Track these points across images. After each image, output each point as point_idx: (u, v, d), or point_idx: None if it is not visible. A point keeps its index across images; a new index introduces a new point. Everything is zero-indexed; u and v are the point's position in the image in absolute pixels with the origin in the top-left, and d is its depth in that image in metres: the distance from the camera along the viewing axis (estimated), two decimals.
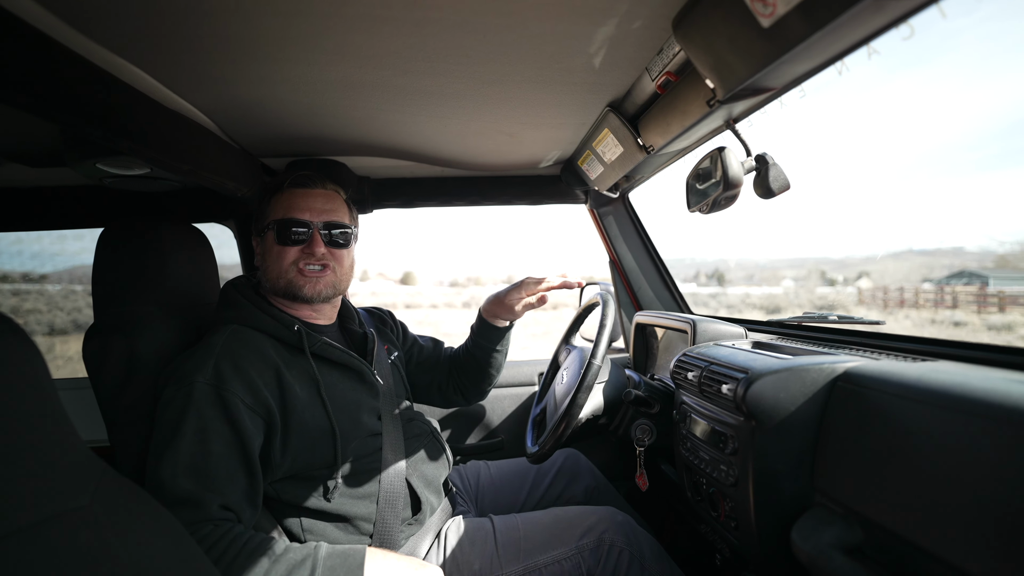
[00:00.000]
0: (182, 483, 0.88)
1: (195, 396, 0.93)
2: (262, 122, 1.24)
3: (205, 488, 0.89)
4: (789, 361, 0.87)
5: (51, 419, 0.56)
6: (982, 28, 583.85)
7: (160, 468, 0.89)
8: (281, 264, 1.11)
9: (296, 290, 1.12)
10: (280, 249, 1.11)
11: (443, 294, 57.67)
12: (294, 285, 1.11)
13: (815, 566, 0.71)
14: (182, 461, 0.89)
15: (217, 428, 0.92)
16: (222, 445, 0.92)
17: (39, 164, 1.36)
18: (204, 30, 0.82)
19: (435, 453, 1.23)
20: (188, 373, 0.96)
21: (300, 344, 1.07)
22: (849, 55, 0.68)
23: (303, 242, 1.11)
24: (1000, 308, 40.04)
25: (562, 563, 1.09)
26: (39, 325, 21.79)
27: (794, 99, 0.89)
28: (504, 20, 0.80)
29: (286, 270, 1.11)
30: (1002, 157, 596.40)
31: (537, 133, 1.37)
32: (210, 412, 0.93)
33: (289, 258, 1.11)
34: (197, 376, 0.95)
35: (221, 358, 0.97)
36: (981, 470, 0.56)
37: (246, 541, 0.87)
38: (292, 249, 1.11)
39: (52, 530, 0.51)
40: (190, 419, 0.92)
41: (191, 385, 0.94)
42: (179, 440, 0.90)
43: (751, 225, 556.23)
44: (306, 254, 1.11)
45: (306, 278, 1.11)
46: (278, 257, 1.11)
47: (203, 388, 0.94)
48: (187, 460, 0.89)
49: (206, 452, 0.91)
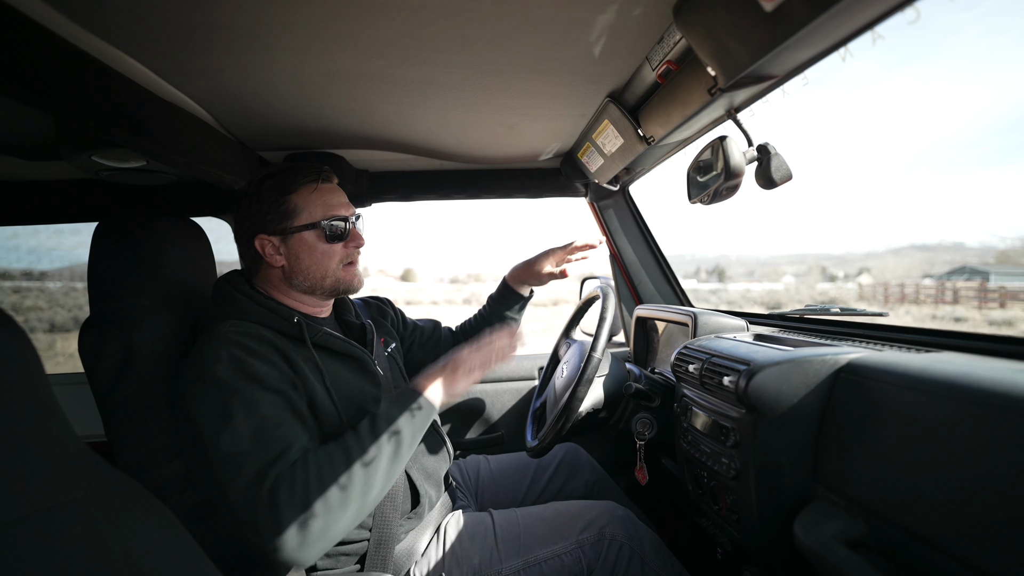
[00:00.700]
0: (250, 450, 0.87)
1: (224, 382, 0.92)
2: (259, 114, 1.23)
3: (274, 445, 0.89)
4: (791, 353, 0.86)
5: (44, 412, 0.55)
6: (984, 23, 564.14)
7: (225, 449, 0.87)
8: (329, 263, 1.11)
9: (346, 286, 1.14)
10: (328, 248, 1.10)
11: (443, 290, 57.73)
12: (343, 281, 1.13)
13: (818, 559, 0.70)
14: (243, 436, 0.88)
15: (258, 397, 0.92)
16: (271, 408, 0.92)
17: (34, 158, 1.35)
18: (199, 19, 0.81)
19: (435, 446, 1.23)
20: (205, 369, 0.94)
21: (301, 335, 1.06)
22: (853, 40, 0.66)
23: (344, 237, 1.12)
24: (1001, 304, 40.04)
25: (562, 557, 1.08)
26: (40, 322, 21.82)
27: (796, 87, 0.88)
28: (502, 7, 0.79)
29: (334, 268, 1.11)
30: (1004, 152, 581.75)
31: (536, 125, 1.35)
32: (245, 387, 0.92)
33: (337, 256, 1.12)
34: (216, 367, 0.93)
35: (231, 346, 0.96)
36: (987, 461, 0.56)
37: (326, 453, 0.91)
38: (337, 246, 1.12)
39: (45, 523, 0.50)
40: (232, 400, 0.90)
41: (214, 376, 0.93)
42: (232, 420, 0.89)
43: (752, 221, 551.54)
44: (350, 249, 1.13)
45: (351, 272, 1.14)
46: (324, 256, 1.10)
47: (227, 372, 0.93)
48: (248, 432, 0.89)
49: (261, 419, 0.90)
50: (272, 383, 0.95)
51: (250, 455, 0.86)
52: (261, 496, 0.83)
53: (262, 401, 0.92)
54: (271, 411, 0.92)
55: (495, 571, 1.07)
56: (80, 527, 0.53)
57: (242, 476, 0.85)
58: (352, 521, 0.89)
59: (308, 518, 0.84)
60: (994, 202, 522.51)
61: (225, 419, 0.89)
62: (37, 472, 0.52)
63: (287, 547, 0.83)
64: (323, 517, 0.85)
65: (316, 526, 0.84)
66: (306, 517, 0.83)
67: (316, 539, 0.84)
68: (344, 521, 0.88)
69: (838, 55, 0.72)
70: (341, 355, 1.12)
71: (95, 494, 0.56)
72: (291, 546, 0.83)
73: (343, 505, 0.87)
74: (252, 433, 0.88)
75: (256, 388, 0.93)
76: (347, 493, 0.88)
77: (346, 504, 0.87)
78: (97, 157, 1.16)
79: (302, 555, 0.84)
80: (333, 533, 0.87)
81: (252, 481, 0.84)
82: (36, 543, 0.49)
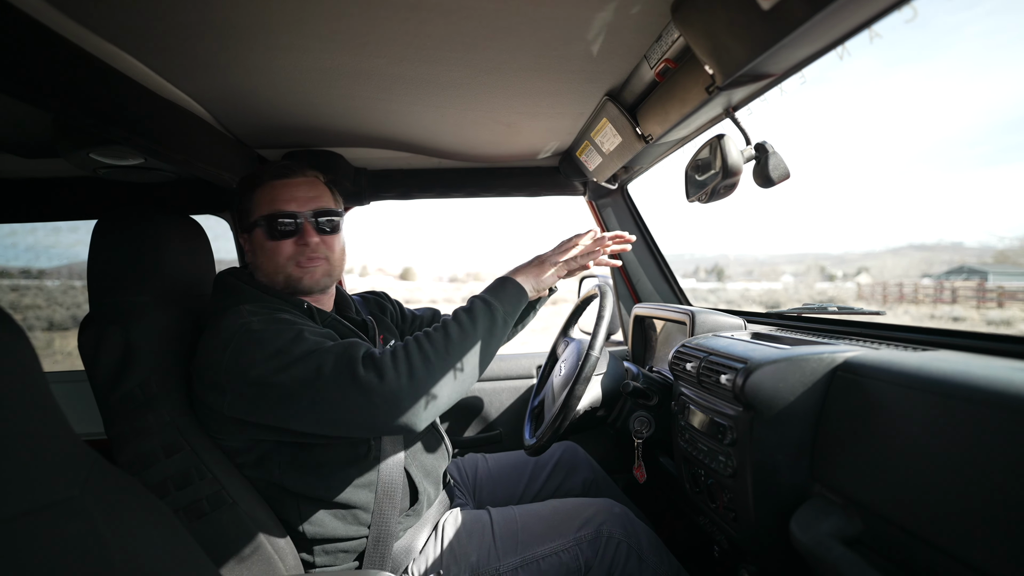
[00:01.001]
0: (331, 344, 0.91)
1: (262, 330, 0.93)
2: (257, 112, 1.23)
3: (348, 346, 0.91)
4: (788, 351, 0.86)
5: (40, 409, 0.55)
6: (985, 22, 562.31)
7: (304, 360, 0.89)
8: (277, 260, 1.08)
9: (295, 283, 1.10)
10: (273, 245, 1.08)
11: (443, 289, 57.73)
12: (292, 279, 1.09)
13: (814, 557, 0.70)
14: (309, 344, 0.91)
15: (303, 329, 0.94)
16: (320, 336, 0.95)
17: (32, 155, 1.35)
18: (197, 17, 0.81)
19: (434, 444, 1.23)
20: (234, 333, 0.94)
21: (312, 319, 1.06)
22: (851, 39, 0.66)
23: (294, 234, 1.08)
24: (999, 303, 40.11)
25: (560, 555, 1.08)
26: (38, 320, 21.79)
27: (794, 86, 0.88)
28: (500, 5, 0.79)
29: (283, 265, 1.08)
30: (1004, 152, 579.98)
31: (535, 123, 1.35)
32: (284, 328, 0.94)
33: (284, 253, 1.08)
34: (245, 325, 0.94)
35: (250, 314, 0.97)
36: (982, 458, 0.56)
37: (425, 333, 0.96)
38: (286, 243, 1.08)
39: (42, 520, 0.50)
40: (278, 338, 0.92)
41: (247, 330, 0.93)
42: (293, 347, 0.90)
43: (751, 220, 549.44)
44: (300, 246, 1.08)
45: (303, 270, 1.09)
46: (272, 253, 1.08)
47: (259, 324, 0.94)
48: (311, 343, 0.91)
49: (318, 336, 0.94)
50: (307, 325, 0.97)
51: (334, 347, 0.90)
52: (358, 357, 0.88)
53: (307, 331, 0.94)
54: (314, 336, 0.94)
55: (493, 568, 1.07)
56: (77, 524, 0.53)
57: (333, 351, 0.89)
58: (450, 393, 0.93)
59: (413, 373, 0.89)
60: (993, 202, 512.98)
61: (286, 351, 0.90)
62: (34, 469, 0.52)
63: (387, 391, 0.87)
64: (425, 376, 0.89)
65: (419, 381, 0.89)
66: (411, 372, 0.89)
67: (417, 393, 0.89)
68: (444, 387, 0.92)
69: (836, 53, 0.72)
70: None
71: (92, 491, 0.56)
72: (391, 390, 0.87)
73: (442, 366, 0.91)
74: (313, 341, 0.92)
75: (294, 328, 0.94)
76: (445, 355, 0.92)
77: (445, 365, 0.92)
78: (95, 155, 1.16)
79: (406, 406, 0.88)
80: (436, 397, 0.91)
81: (345, 350, 0.89)
82: (33, 540, 0.49)
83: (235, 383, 0.91)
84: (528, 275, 1.10)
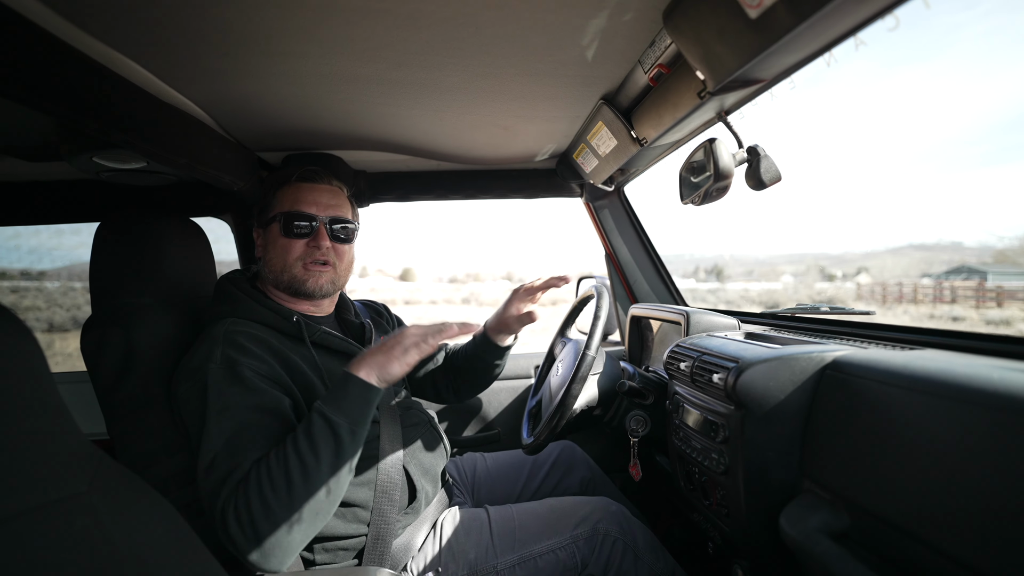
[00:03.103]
0: (221, 458, 0.88)
1: (210, 380, 0.94)
2: (258, 116, 1.25)
3: (242, 456, 0.88)
4: (779, 350, 0.88)
5: (48, 408, 0.56)
6: (985, 22, 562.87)
7: (203, 452, 0.89)
8: (287, 257, 1.12)
9: (299, 285, 1.13)
10: (286, 242, 1.12)
11: (442, 290, 57.68)
12: (297, 280, 1.12)
13: (802, 551, 0.72)
14: (218, 440, 0.89)
15: (240, 401, 0.93)
16: (250, 413, 0.92)
17: (35, 158, 1.37)
18: (199, 23, 0.83)
19: (432, 443, 1.24)
20: (199, 365, 0.97)
21: (300, 334, 1.08)
22: (836, 46, 0.68)
23: (308, 235, 1.12)
24: (998, 303, 40.12)
25: (557, 552, 1.10)
26: (38, 322, 21.78)
27: (784, 91, 0.89)
28: (497, 13, 0.81)
29: (291, 264, 1.12)
30: (1004, 151, 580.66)
31: (532, 126, 1.37)
32: (229, 389, 0.94)
33: (295, 252, 1.12)
34: (207, 364, 0.96)
35: (226, 345, 0.98)
36: (964, 454, 0.57)
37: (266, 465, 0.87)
38: (298, 243, 1.12)
39: (49, 516, 0.52)
40: (211, 402, 0.93)
41: (204, 373, 0.95)
42: (209, 426, 0.91)
43: (751, 220, 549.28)
44: (311, 248, 1.12)
45: (309, 272, 1.13)
46: (283, 250, 1.12)
47: (216, 371, 0.95)
48: (223, 437, 0.89)
49: (237, 424, 0.90)
50: (257, 384, 0.96)
51: (219, 465, 0.88)
52: (216, 512, 0.86)
53: (241, 408, 0.93)
54: (249, 415, 0.92)
55: (491, 566, 1.08)
56: (84, 520, 0.55)
57: (208, 483, 0.88)
58: (310, 523, 0.88)
59: (257, 533, 0.84)
60: (993, 201, 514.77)
61: (203, 424, 0.92)
62: (42, 466, 0.54)
63: (251, 557, 0.85)
64: (270, 530, 0.84)
65: (268, 539, 0.84)
66: (256, 533, 0.84)
67: (274, 548, 0.85)
68: (299, 526, 0.86)
69: (823, 60, 0.74)
70: (339, 353, 1.13)
71: (99, 488, 0.58)
72: (254, 557, 0.85)
73: (288, 513, 0.85)
74: (226, 440, 0.90)
75: (239, 392, 0.94)
76: (288, 501, 0.85)
77: (290, 510, 0.85)
78: (98, 158, 1.18)
79: (268, 563, 0.85)
80: (292, 538, 0.86)
81: (213, 493, 0.87)
82: (41, 535, 0.50)
83: (179, 418, 1.00)
84: (372, 365, 0.96)
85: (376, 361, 0.96)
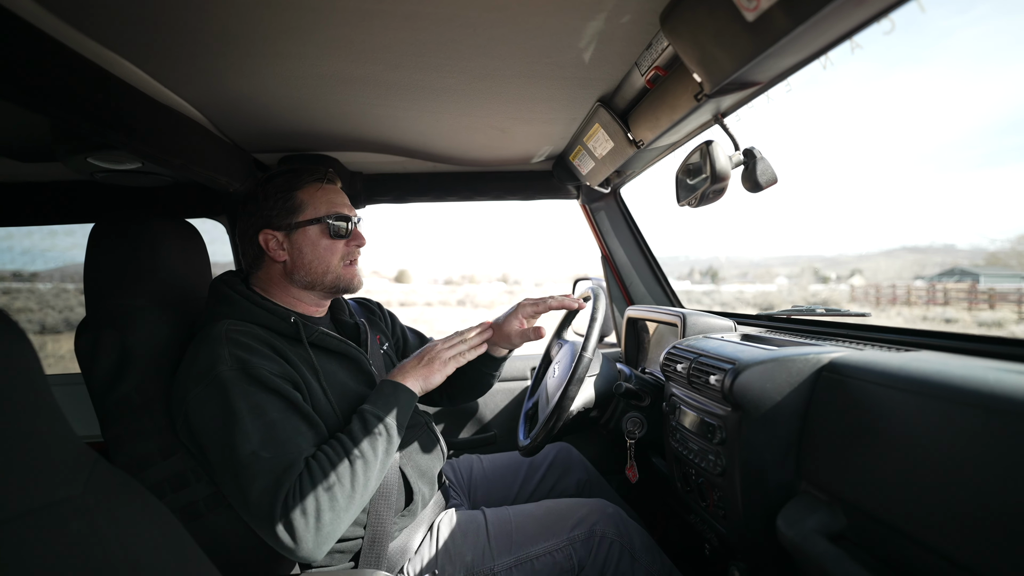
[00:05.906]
0: (264, 456, 0.90)
1: (228, 382, 0.94)
2: (253, 117, 1.24)
3: (286, 452, 0.92)
4: (775, 352, 0.88)
5: (42, 410, 0.56)
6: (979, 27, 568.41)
7: (239, 453, 0.90)
8: (331, 259, 1.13)
9: (346, 284, 1.16)
10: (330, 243, 1.13)
11: (438, 292, 57.64)
12: (343, 279, 1.16)
13: (799, 552, 0.72)
14: (254, 438, 0.91)
15: (264, 399, 0.95)
16: (277, 411, 0.95)
17: (30, 159, 1.36)
18: (195, 24, 0.82)
19: (429, 444, 1.24)
20: (207, 369, 0.96)
21: (297, 335, 1.07)
22: (833, 49, 0.69)
23: (347, 236, 1.15)
24: (991, 305, 40.42)
25: (553, 554, 1.10)
26: (30, 324, 21.62)
27: (781, 93, 0.90)
28: (494, 15, 0.81)
29: (335, 265, 1.14)
30: (996, 155, 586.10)
31: (528, 128, 1.37)
32: (250, 389, 0.95)
33: (339, 253, 1.14)
34: (218, 366, 0.95)
35: (232, 345, 0.98)
36: (959, 455, 0.58)
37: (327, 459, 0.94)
38: (339, 243, 1.14)
39: (44, 518, 0.51)
40: (238, 401, 0.93)
41: (217, 375, 0.95)
42: (240, 423, 0.91)
43: (745, 222, 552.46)
44: (351, 247, 1.16)
45: (351, 271, 1.17)
46: (327, 252, 1.13)
47: (230, 374, 0.95)
48: (258, 435, 0.91)
49: (268, 423, 0.93)
50: (275, 384, 0.97)
51: (264, 462, 0.90)
52: (276, 508, 0.88)
53: (267, 404, 0.95)
54: (276, 414, 0.95)
55: (487, 568, 1.08)
56: (78, 523, 0.54)
57: (257, 483, 0.89)
58: (356, 514, 0.96)
59: (320, 524, 0.90)
60: (985, 204, 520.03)
61: (233, 423, 0.92)
62: (36, 469, 0.53)
63: (304, 549, 0.89)
64: (332, 521, 0.91)
65: (327, 529, 0.91)
66: (319, 524, 0.89)
67: (328, 539, 0.91)
68: (349, 516, 0.95)
69: (819, 63, 0.74)
70: (337, 354, 1.13)
71: (93, 491, 0.57)
72: (308, 548, 0.89)
73: (348, 505, 0.93)
74: (261, 438, 0.91)
75: (259, 390, 0.95)
76: (351, 493, 0.94)
77: (351, 503, 0.94)
78: (93, 159, 1.17)
79: (317, 554, 0.91)
80: (341, 529, 0.94)
81: (266, 491, 0.89)
82: (35, 538, 0.50)
83: (178, 411, 0.98)
84: (417, 376, 1.11)
85: (420, 373, 1.11)
